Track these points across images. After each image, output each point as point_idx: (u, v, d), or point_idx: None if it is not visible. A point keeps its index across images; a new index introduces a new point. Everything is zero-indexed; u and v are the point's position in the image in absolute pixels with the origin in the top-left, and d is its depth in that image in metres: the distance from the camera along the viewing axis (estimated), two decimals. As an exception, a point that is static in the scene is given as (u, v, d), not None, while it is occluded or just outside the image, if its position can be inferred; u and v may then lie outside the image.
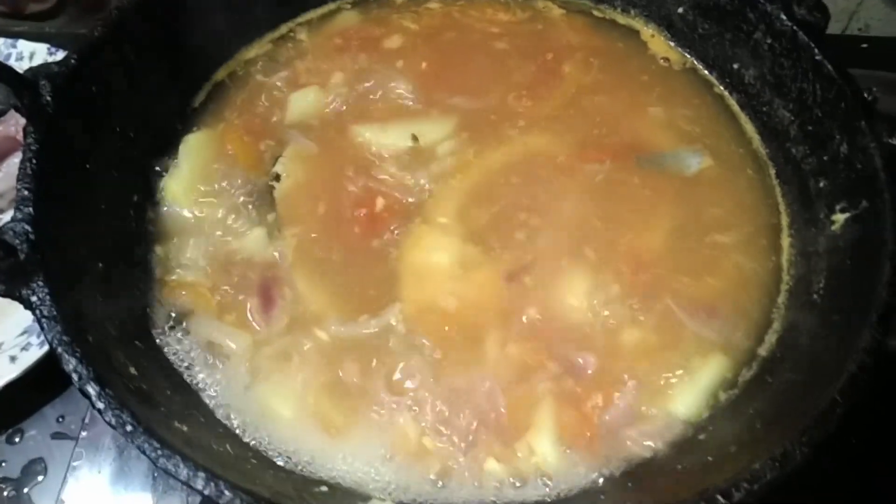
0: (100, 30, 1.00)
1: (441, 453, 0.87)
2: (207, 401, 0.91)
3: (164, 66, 1.12)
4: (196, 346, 0.96)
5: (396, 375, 0.92)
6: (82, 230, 0.93)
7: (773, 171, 1.11)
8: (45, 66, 0.93)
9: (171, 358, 0.94)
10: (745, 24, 1.13)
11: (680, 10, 1.23)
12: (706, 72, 1.21)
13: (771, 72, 1.11)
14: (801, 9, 1.07)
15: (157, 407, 0.81)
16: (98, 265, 0.93)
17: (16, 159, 1.31)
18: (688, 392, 0.92)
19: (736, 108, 1.17)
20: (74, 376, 0.75)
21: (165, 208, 1.07)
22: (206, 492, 0.69)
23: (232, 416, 0.90)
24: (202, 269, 1.02)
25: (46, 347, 1.12)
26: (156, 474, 1.12)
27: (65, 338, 0.77)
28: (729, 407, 0.90)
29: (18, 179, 0.85)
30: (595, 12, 1.30)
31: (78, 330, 0.79)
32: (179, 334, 0.97)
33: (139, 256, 1.02)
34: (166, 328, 0.97)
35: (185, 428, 0.80)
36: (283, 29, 1.28)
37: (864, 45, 1.68)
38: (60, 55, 1.46)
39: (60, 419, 1.18)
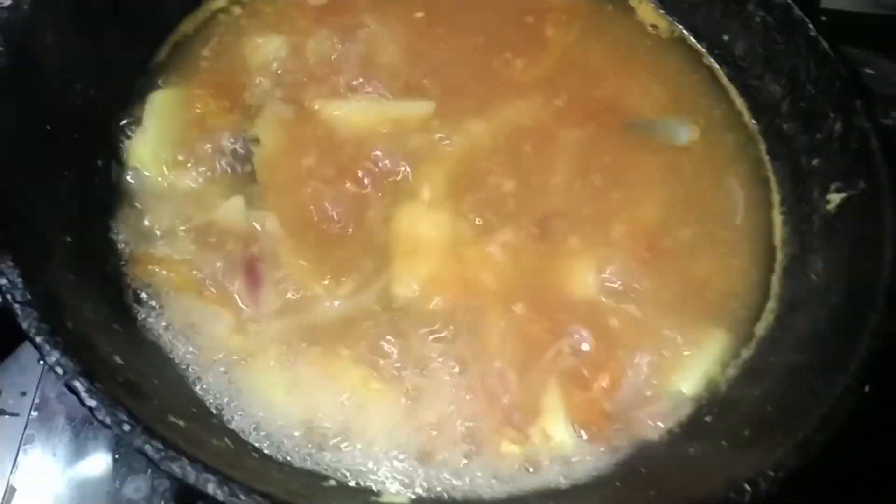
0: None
1: (454, 441, 0.83)
2: (198, 390, 0.84)
3: (123, 16, 1.01)
4: (178, 328, 0.88)
5: (399, 355, 0.88)
6: (46, 199, 0.84)
7: (763, 147, 1.10)
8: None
9: (154, 342, 0.87)
10: (736, -5, 1.12)
11: (669, -24, 1.20)
12: (695, 42, 1.19)
13: (762, 45, 1.10)
14: (795, -19, 1.06)
15: (149, 400, 0.74)
16: (66, 238, 0.84)
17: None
18: (690, 370, 0.91)
19: (725, 80, 1.16)
20: (59, 370, 0.67)
21: (132, 174, 0.97)
22: (220, 496, 0.63)
23: (225, 406, 0.84)
24: (176, 242, 0.94)
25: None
26: (116, 456, 1.04)
27: (43, 325, 0.69)
28: (734, 387, 0.90)
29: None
30: (581, -27, 1.25)
31: (55, 315, 0.71)
32: (158, 315, 0.89)
33: (107, 228, 0.93)
34: (143, 308, 0.89)
35: (181, 422, 0.73)
36: (256, -24, 1.18)
37: (823, 18, 1.69)
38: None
39: (-5, 394, 1.06)
